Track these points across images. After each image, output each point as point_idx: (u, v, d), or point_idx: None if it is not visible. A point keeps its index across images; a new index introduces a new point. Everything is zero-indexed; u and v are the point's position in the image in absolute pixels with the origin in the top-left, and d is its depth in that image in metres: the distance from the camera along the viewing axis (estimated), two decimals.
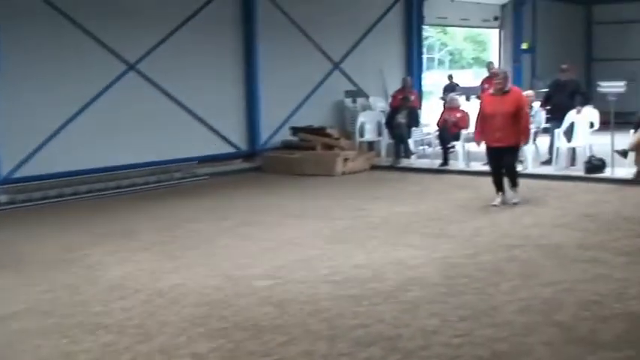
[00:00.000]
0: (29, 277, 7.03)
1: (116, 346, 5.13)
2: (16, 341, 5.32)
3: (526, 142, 10.59)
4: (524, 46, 21.80)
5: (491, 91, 10.09)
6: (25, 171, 11.53)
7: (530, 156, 12.71)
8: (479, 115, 10.11)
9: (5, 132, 11.24)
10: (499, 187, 9.96)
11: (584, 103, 12.89)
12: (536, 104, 13.41)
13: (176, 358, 4.89)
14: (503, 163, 9.85)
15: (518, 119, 9.67)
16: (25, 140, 11.50)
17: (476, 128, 10.24)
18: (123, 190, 12.17)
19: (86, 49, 12.24)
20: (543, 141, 13.35)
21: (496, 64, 14.60)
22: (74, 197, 11.58)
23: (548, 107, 13.38)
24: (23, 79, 11.47)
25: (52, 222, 9.88)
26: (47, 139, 11.82)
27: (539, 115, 12.98)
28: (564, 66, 13.35)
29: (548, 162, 12.95)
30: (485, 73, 17.66)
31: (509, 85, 10.04)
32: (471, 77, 31.58)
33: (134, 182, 12.48)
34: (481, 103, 10.45)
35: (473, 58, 42.25)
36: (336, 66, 16.47)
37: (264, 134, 14.99)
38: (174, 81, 13.48)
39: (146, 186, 12.51)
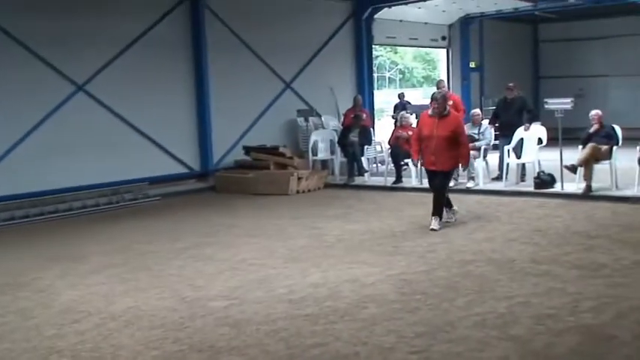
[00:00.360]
0: None
1: None
2: None
3: (465, 167, 10.43)
4: (472, 64, 22.23)
5: (429, 112, 9.70)
6: None
7: (481, 172, 12.91)
8: (415, 134, 10.01)
9: None
10: (439, 211, 9.69)
11: (531, 120, 13.17)
12: (485, 122, 13.64)
13: None
14: (435, 187, 9.68)
15: (454, 144, 9.45)
16: None
17: (412, 147, 10.13)
18: (74, 212, 11.96)
19: (34, 70, 12.07)
20: (493, 158, 13.57)
21: (446, 83, 14.80)
22: (24, 220, 11.35)
23: (496, 125, 13.63)
24: None
25: (1, 246, 9.64)
26: None
27: (488, 132, 13.21)
28: (511, 84, 13.64)
29: (498, 178, 13.17)
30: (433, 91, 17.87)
31: (448, 108, 9.75)
32: (421, 96, 31.97)
33: (85, 204, 12.28)
34: (418, 122, 10.17)
35: (423, 77, 42.82)
36: (288, 85, 16.53)
37: (216, 154, 14.93)
38: (124, 101, 13.35)
39: (97, 208, 12.33)
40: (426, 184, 13.16)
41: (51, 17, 12.31)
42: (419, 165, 10.06)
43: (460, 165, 9.94)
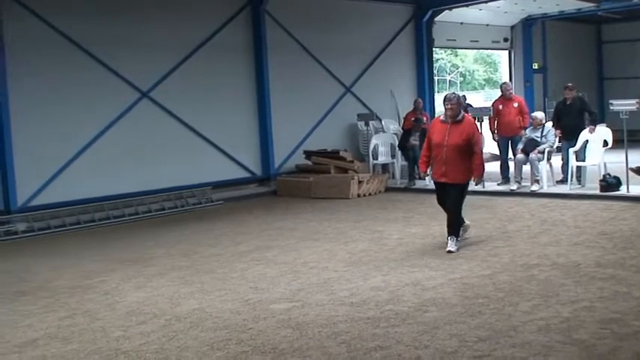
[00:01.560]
0: (48, 304, 7.06)
1: None
2: None
3: (478, 180, 9.13)
4: (535, 66, 21.87)
5: (441, 117, 8.73)
6: (42, 199, 11.63)
7: (545, 175, 12.69)
8: (426, 142, 8.93)
9: (21, 161, 11.37)
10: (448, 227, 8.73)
11: (594, 122, 12.89)
12: (549, 124, 13.40)
13: None
14: (448, 204, 8.66)
15: (468, 154, 8.46)
16: (41, 168, 11.62)
17: (421, 157, 9.11)
18: (139, 216, 12.24)
19: (99, 77, 12.41)
20: (557, 160, 13.32)
21: (510, 85, 14.63)
22: (91, 224, 11.67)
23: (559, 127, 13.38)
24: (37, 109, 11.64)
25: (69, 249, 9.94)
26: (63, 167, 11.94)
27: (551, 134, 12.98)
28: (569, 84, 13.36)
29: (563, 181, 12.92)
30: (495, 94, 17.68)
31: (462, 112, 8.69)
32: (482, 98, 31.63)
33: (150, 208, 12.56)
34: (430, 129, 9.10)
35: (484, 80, 42.34)
36: (348, 89, 16.57)
37: (278, 158, 15.07)
38: (187, 107, 13.60)
39: (162, 212, 12.59)
40: (489, 186, 13.13)
41: (114, 24, 12.64)
42: (427, 178, 8.92)
43: (473, 178, 8.76)
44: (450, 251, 8.34)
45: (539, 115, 13.49)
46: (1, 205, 11.32)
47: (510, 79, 21.28)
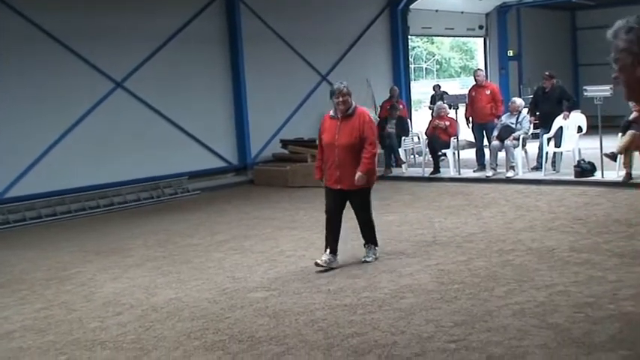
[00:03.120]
0: (24, 296, 7.02)
1: None
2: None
3: (361, 177, 7.23)
4: (510, 53, 22.00)
5: (331, 112, 7.42)
6: (17, 191, 11.54)
7: (520, 162, 12.79)
8: (318, 143, 7.62)
9: None
10: (330, 242, 7.37)
11: (571, 109, 13.01)
12: (524, 111, 13.51)
13: None
14: (356, 215, 7.51)
15: (361, 151, 7.22)
16: (15, 160, 11.51)
17: (316, 161, 7.79)
18: (115, 207, 12.17)
19: (73, 68, 12.30)
20: (532, 147, 13.43)
21: (484, 72, 14.71)
22: (66, 216, 11.59)
23: (536, 114, 13.49)
24: (11, 100, 11.51)
25: (45, 240, 9.87)
26: (38, 159, 11.83)
27: (526, 121, 13.08)
28: (547, 73, 13.46)
29: (537, 168, 13.04)
30: (472, 82, 17.80)
31: (354, 105, 7.38)
32: (458, 86, 31.76)
33: (126, 199, 12.49)
34: (320, 127, 7.65)
35: (460, 67, 42.50)
36: (324, 78, 16.56)
37: (254, 147, 15.04)
38: (162, 97, 13.52)
39: (138, 202, 12.52)
40: (465, 173, 13.24)
41: (88, 15, 12.52)
42: (323, 184, 7.53)
43: (359, 173, 7.19)
44: (365, 261, 7.34)
45: (517, 100, 13.58)
46: None
47: (485, 67, 21.39)
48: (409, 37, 19.43)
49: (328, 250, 7.29)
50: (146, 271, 7.72)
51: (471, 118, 13.91)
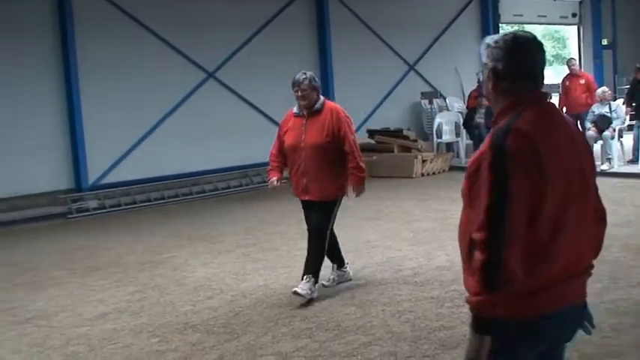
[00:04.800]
0: (119, 279, 7.28)
1: (204, 344, 5.27)
2: (108, 341, 5.51)
3: (358, 191, 6.26)
4: (604, 42, 21.23)
5: (294, 109, 6.28)
6: (113, 177, 11.96)
7: (616, 154, 12.36)
8: (276, 140, 6.48)
9: (92, 141, 11.69)
10: (329, 256, 6.43)
11: None
12: (619, 101, 13.04)
13: (261, 357, 4.98)
14: (308, 231, 6.26)
15: (337, 157, 6.07)
16: (111, 148, 11.92)
17: (270, 163, 6.54)
18: (206, 194, 12.46)
19: (167, 59, 12.63)
20: (626, 139, 12.96)
21: (577, 62, 14.29)
22: (160, 202, 11.94)
23: (632, 105, 13.02)
24: (107, 90, 11.93)
25: (139, 226, 10.21)
26: (132, 147, 12.23)
27: (620, 110, 12.58)
28: (638, 65, 12.97)
29: (634, 161, 12.58)
30: (566, 71, 17.32)
31: (322, 98, 6.21)
32: (551, 75, 30.91)
33: (216, 187, 12.76)
34: (280, 125, 6.50)
35: (552, 56, 41.35)
36: (412, 67, 16.43)
37: None
38: (251, 86, 13.72)
39: (227, 190, 12.78)
40: None
41: (182, 6, 12.84)
42: (277, 184, 6.40)
43: (351, 188, 6.19)
44: (296, 292, 5.94)
45: (603, 89, 13.11)
46: (73, 183, 11.67)
47: (579, 56, 20.74)
48: (500, 25, 19.03)
49: (309, 277, 6.04)
50: (235, 258, 7.88)
51: (564, 109, 13.56)
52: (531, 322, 2.48)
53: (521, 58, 2.58)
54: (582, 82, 13.31)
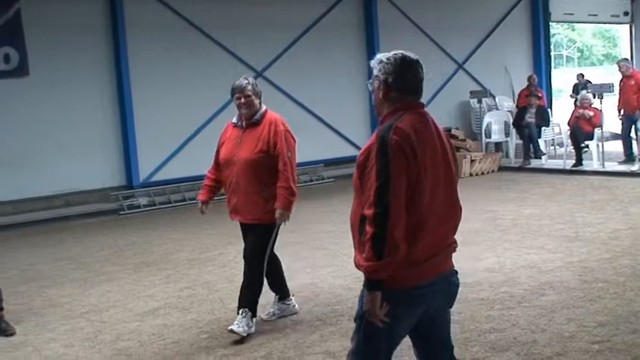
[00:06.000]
0: (169, 275, 7.38)
1: (252, 342, 5.30)
2: (158, 336, 5.58)
3: (282, 216, 5.42)
4: None
5: (234, 119, 5.65)
6: (162, 175, 12.11)
7: None
8: (215, 155, 5.74)
9: (143, 139, 11.87)
10: (274, 290, 5.87)
11: None
12: None
13: (309, 355, 5.00)
14: (243, 258, 5.59)
15: (272, 174, 5.36)
16: (161, 146, 12.09)
17: (205, 179, 5.87)
18: None
19: (217, 58, 12.74)
20: None
21: (630, 62, 14.00)
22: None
23: None
24: (158, 90, 12.10)
25: (188, 223, 10.32)
26: (182, 145, 12.38)
27: None
28: None
29: None
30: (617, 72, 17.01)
31: (264, 109, 5.56)
32: (601, 74, 30.33)
33: None
34: (220, 137, 5.76)
35: (603, 55, 40.61)
36: (460, 66, 16.29)
37: None
38: (299, 86, 13.76)
39: None
40: (609, 166, 12.64)
41: (230, 5, 12.96)
42: (204, 210, 5.89)
43: (279, 210, 5.37)
44: (232, 331, 5.30)
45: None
46: (125, 180, 11.88)
47: (631, 55, 20.30)
48: (550, 23, 18.74)
49: (245, 311, 5.39)
50: (282, 256, 7.83)
51: (622, 110, 13.36)
52: (410, 290, 3.09)
53: (407, 74, 3.23)
54: (632, 83, 13.04)
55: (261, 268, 5.48)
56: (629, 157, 12.95)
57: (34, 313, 6.40)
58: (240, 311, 5.40)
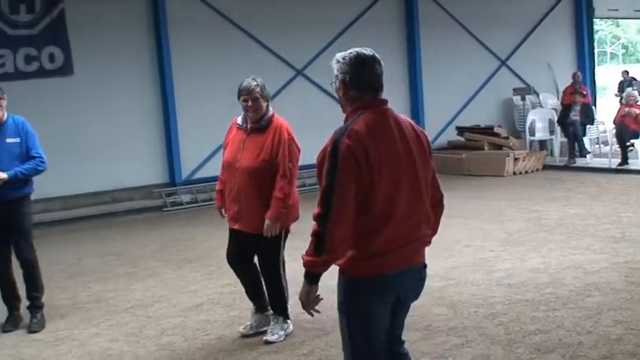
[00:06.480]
0: (212, 272, 7.43)
1: (294, 339, 5.33)
2: (201, 332, 5.63)
3: (270, 225, 5.17)
4: None
5: (238, 120, 5.45)
6: (204, 172, 12.20)
7: None
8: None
9: (186, 136, 11.98)
10: (250, 296, 5.59)
11: None
12: None
13: None
14: (260, 268, 5.47)
15: (272, 182, 5.15)
16: (203, 144, 12.17)
17: (218, 183, 5.55)
18: (305, 188, 12.53)
19: (257, 56, 12.78)
20: None
21: None
22: None
23: None
24: (199, 88, 12.20)
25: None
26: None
27: None
28: None
29: None
30: None
31: (270, 112, 5.34)
32: None
33: (304, 183, 12.82)
34: (225, 136, 5.58)
35: None
36: (503, 63, 16.11)
37: (430, 134, 14.91)
38: None
39: (314, 187, 12.82)
40: None
41: (270, 3, 12.99)
42: (223, 212, 5.49)
43: (268, 221, 5.14)
44: (267, 342, 5.27)
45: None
46: (168, 178, 12.02)
47: None
48: (594, 19, 18.43)
49: (278, 317, 5.40)
50: None
51: None
52: (376, 279, 3.19)
53: (363, 71, 3.26)
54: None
55: (279, 276, 5.42)
56: None
57: (80, 308, 6.51)
58: (273, 317, 5.42)
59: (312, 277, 3.18)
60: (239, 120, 5.37)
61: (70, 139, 11.18)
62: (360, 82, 3.27)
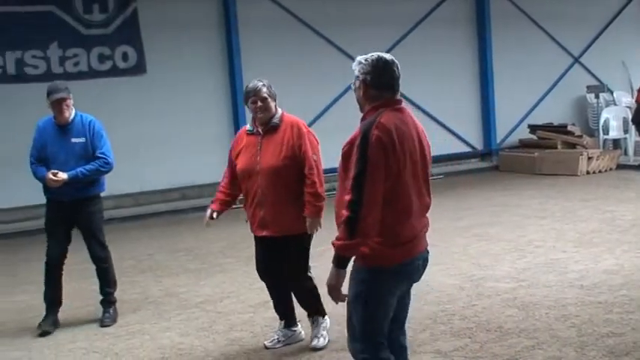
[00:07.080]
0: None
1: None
2: (270, 328, 5.65)
3: (313, 224, 5.07)
4: None
5: (247, 126, 5.31)
6: None
7: None
8: (228, 164, 5.42)
9: None
10: (279, 310, 5.48)
11: None
12: None
13: (419, 354, 4.95)
14: (287, 272, 5.26)
15: (300, 180, 5.07)
16: None
17: (218, 188, 5.59)
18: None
19: (326, 55, 12.83)
20: None
21: None
22: (330, 193, 12.13)
23: None
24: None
25: None
26: None
27: None
28: None
29: None
30: None
31: (280, 112, 5.24)
32: None
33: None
34: (232, 146, 5.38)
35: None
36: (576, 60, 15.72)
37: (500, 133, 14.70)
38: (407, 81, 13.49)
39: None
40: None
41: (339, 3, 13.04)
42: (214, 217, 5.58)
43: (309, 219, 5.06)
44: (314, 348, 5.21)
45: None
46: None
47: None
48: None
49: (317, 318, 5.33)
50: None
51: None
52: (398, 267, 3.47)
53: (383, 73, 3.52)
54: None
55: (309, 278, 5.27)
56: None
57: (151, 302, 6.66)
58: (311, 319, 5.34)
59: (342, 261, 3.35)
60: (248, 126, 5.28)
61: (142, 136, 11.46)
62: (380, 82, 3.52)
